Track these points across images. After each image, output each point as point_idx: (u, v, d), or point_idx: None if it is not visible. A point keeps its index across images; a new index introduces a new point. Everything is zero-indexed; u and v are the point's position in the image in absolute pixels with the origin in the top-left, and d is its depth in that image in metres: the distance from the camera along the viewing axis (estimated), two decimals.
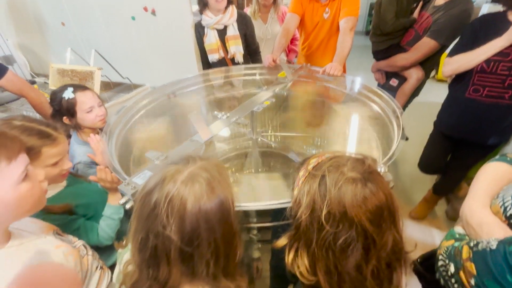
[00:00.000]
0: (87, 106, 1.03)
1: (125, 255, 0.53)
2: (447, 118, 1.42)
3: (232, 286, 0.48)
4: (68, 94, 1.01)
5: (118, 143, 0.93)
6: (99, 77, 1.38)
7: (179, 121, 1.41)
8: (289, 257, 0.50)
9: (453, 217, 1.74)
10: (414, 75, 1.55)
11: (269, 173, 1.58)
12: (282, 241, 0.52)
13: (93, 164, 0.98)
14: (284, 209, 0.60)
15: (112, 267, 0.79)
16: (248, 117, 1.10)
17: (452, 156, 1.53)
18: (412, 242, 0.97)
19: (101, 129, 1.08)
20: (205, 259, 0.44)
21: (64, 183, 0.80)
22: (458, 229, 0.64)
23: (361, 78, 1.30)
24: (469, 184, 1.72)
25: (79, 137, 1.07)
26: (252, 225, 0.64)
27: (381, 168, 0.60)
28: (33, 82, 2.13)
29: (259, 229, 0.72)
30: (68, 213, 0.74)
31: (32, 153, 0.64)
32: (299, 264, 0.48)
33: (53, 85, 1.47)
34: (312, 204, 0.45)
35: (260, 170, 1.45)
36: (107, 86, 1.84)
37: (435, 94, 2.14)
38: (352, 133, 1.29)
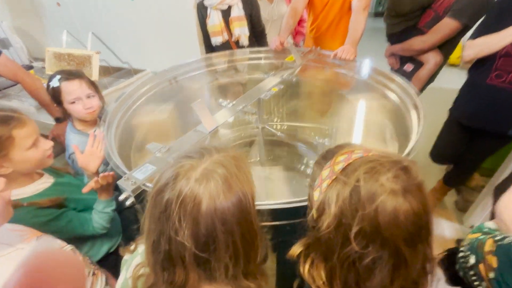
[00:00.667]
0: (71, 97, 0.96)
1: (133, 261, 0.49)
2: (464, 106, 1.34)
3: (253, 286, 0.44)
4: (54, 82, 0.95)
5: (117, 133, 0.88)
6: (97, 61, 1.31)
7: (183, 108, 1.35)
8: (304, 268, 0.45)
9: (463, 208, 1.70)
10: (432, 59, 1.45)
11: (274, 165, 1.54)
12: (296, 249, 0.47)
13: None
14: (289, 209, 0.55)
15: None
16: (254, 104, 1.04)
17: (468, 145, 1.45)
18: None
19: (100, 117, 1.03)
20: (224, 263, 0.41)
21: (51, 179, 0.76)
22: (489, 223, 0.61)
23: (372, 62, 1.22)
24: (482, 175, 1.66)
25: (73, 125, 1.02)
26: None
27: None
28: (30, 67, 2.07)
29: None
30: (58, 206, 0.71)
31: (5, 141, 0.63)
32: (315, 277, 0.44)
33: (50, 70, 1.41)
34: (339, 216, 0.39)
35: (265, 160, 1.40)
36: (106, 71, 1.77)
37: (447, 79, 2.04)
38: (364, 122, 1.22)
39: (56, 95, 0.96)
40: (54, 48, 1.39)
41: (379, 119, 1.11)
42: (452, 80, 1.53)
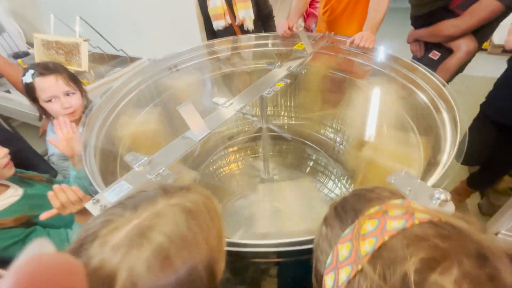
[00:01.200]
0: (46, 95, 0.85)
1: None
2: (501, 101, 1.16)
3: None
4: (27, 77, 0.84)
5: (100, 137, 0.78)
6: (86, 50, 1.19)
7: (179, 103, 1.24)
8: None
9: (487, 212, 1.55)
10: (464, 47, 1.25)
11: (279, 163, 1.42)
12: None
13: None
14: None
15: None
16: (256, 102, 0.90)
17: (501, 146, 1.29)
18: None
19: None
20: None
21: (20, 192, 0.67)
22: None
23: (392, 49, 1.05)
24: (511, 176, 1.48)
25: (53, 124, 0.93)
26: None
27: (449, 206, 0.41)
28: (26, 54, 1.97)
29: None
30: (25, 225, 0.62)
31: None
32: None
33: (39, 59, 1.30)
34: None
35: (269, 157, 1.29)
36: (102, 59, 1.66)
37: (480, 68, 1.82)
38: (381, 120, 1.07)
39: (30, 92, 0.85)
40: (41, 34, 1.28)
41: (400, 118, 0.96)
42: (479, 67, 1.34)
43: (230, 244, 0.43)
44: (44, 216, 0.59)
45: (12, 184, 0.69)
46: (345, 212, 0.32)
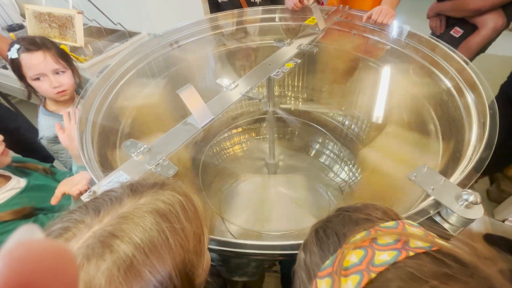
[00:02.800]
0: (33, 73, 0.79)
1: None
2: None
3: None
4: (12, 52, 0.77)
5: (98, 120, 0.73)
6: (81, 23, 1.11)
7: (181, 82, 1.17)
8: None
9: (496, 198, 1.52)
10: (491, 23, 1.14)
11: (286, 146, 1.38)
12: None
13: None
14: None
15: None
16: (263, 83, 0.84)
17: None
18: None
19: (78, 93, 0.86)
20: None
21: (22, 184, 0.64)
22: None
23: (409, 25, 0.96)
24: None
25: (44, 106, 0.87)
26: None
27: (478, 210, 0.37)
28: (21, 27, 1.88)
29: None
30: (28, 216, 0.60)
31: None
32: None
33: (31, 33, 1.23)
34: None
35: (275, 139, 1.24)
36: (99, 33, 1.57)
37: (502, 46, 1.69)
38: (395, 105, 1.01)
39: (16, 69, 0.79)
40: (33, 5, 1.19)
41: (416, 101, 0.90)
42: (501, 45, 1.23)
43: (232, 245, 0.40)
44: (54, 201, 0.57)
45: (14, 175, 0.66)
46: (327, 236, 0.27)
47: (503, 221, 1.43)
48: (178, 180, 0.36)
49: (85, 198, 0.46)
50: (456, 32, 1.30)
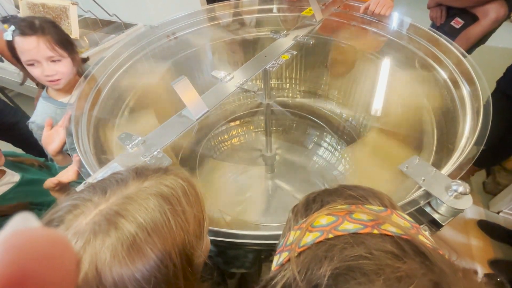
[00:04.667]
0: (26, 58, 0.75)
1: None
2: None
3: None
4: (7, 34, 0.72)
5: (93, 113, 0.73)
6: (76, 14, 1.10)
7: (178, 73, 1.17)
8: None
9: (492, 191, 1.53)
10: (493, 13, 1.13)
11: (282, 139, 1.39)
12: None
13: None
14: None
15: None
16: (259, 75, 0.84)
17: None
18: None
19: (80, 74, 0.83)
20: None
21: (16, 179, 0.64)
22: None
23: (409, 16, 0.95)
24: None
25: (47, 91, 0.85)
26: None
27: (466, 200, 0.37)
28: (15, 18, 1.85)
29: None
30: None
31: None
32: None
33: None
34: None
35: (272, 136, 1.25)
36: (95, 24, 1.55)
37: (501, 38, 1.67)
38: (393, 96, 1.01)
39: (12, 50, 0.75)
40: None
41: (412, 94, 0.90)
42: (500, 37, 1.22)
43: (229, 235, 0.41)
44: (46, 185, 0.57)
45: (8, 170, 0.66)
46: (314, 201, 0.29)
47: (498, 213, 1.45)
48: (181, 167, 0.38)
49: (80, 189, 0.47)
50: (457, 23, 1.29)
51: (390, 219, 0.24)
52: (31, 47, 0.73)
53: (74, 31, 1.10)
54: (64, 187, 0.59)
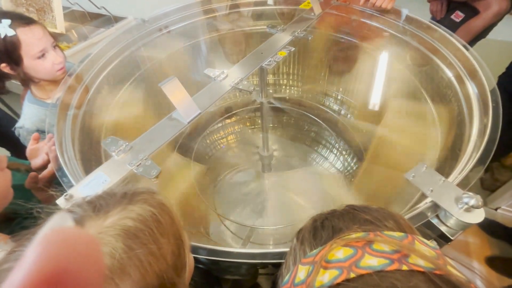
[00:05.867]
0: (38, 49, 0.69)
1: None
2: None
3: None
4: (4, 29, 0.64)
5: (79, 116, 0.69)
6: (60, 6, 1.03)
7: (169, 70, 1.12)
8: None
9: (490, 187, 1.52)
10: (495, 6, 1.09)
11: (279, 135, 1.35)
12: None
13: (40, 132, 0.75)
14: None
15: None
16: (255, 72, 0.80)
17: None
18: None
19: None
20: None
21: None
22: None
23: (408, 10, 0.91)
24: None
25: (32, 93, 0.80)
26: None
27: (478, 214, 0.34)
28: None
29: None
30: (7, 221, 0.56)
31: None
32: None
33: None
34: None
35: (269, 133, 1.21)
36: (83, 18, 1.48)
37: (501, 31, 1.65)
38: (394, 94, 0.98)
39: (11, 49, 0.67)
40: None
41: (415, 90, 0.87)
42: (501, 30, 1.20)
43: (224, 254, 0.38)
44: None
45: None
46: (323, 227, 0.25)
47: (496, 210, 1.44)
48: (150, 187, 0.32)
49: (61, 203, 0.43)
50: (457, 16, 1.25)
51: (414, 249, 0.20)
52: (39, 35, 0.69)
53: (59, 25, 1.04)
54: (48, 183, 0.55)
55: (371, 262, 0.19)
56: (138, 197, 0.28)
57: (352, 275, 0.19)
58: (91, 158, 0.62)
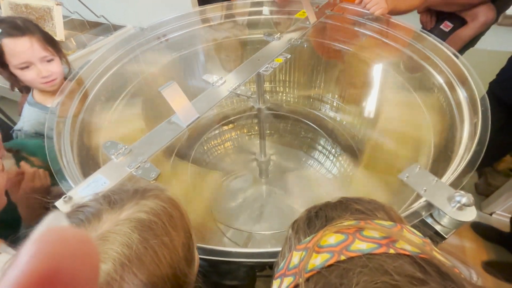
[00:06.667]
0: (18, 61, 0.70)
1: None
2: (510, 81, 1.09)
3: None
4: None
5: (78, 119, 0.69)
6: (60, 15, 1.05)
7: (167, 78, 1.13)
8: None
9: (484, 192, 1.54)
10: (482, 17, 1.14)
11: (276, 142, 1.37)
12: None
13: (39, 135, 0.76)
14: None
15: None
16: (252, 79, 0.82)
17: (505, 127, 1.24)
18: None
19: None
20: None
21: None
22: None
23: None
24: None
25: (33, 96, 0.81)
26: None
27: (470, 212, 0.36)
28: None
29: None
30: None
31: None
32: None
33: None
34: None
35: (266, 140, 1.23)
36: (82, 26, 1.50)
37: (488, 40, 1.71)
38: (386, 100, 1.00)
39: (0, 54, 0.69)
40: None
41: (408, 95, 0.89)
42: (487, 39, 1.25)
43: (222, 254, 0.38)
44: None
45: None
46: (316, 217, 0.27)
47: (491, 214, 1.46)
48: (158, 184, 0.34)
49: (60, 205, 0.43)
50: (446, 26, 1.30)
51: (402, 235, 0.22)
52: (25, 48, 0.69)
53: (59, 32, 1.05)
54: (38, 191, 0.55)
55: (361, 246, 0.21)
56: (149, 193, 0.29)
57: (343, 257, 0.20)
58: (90, 162, 0.62)
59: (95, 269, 0.13)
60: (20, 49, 0.70)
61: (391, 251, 0.20)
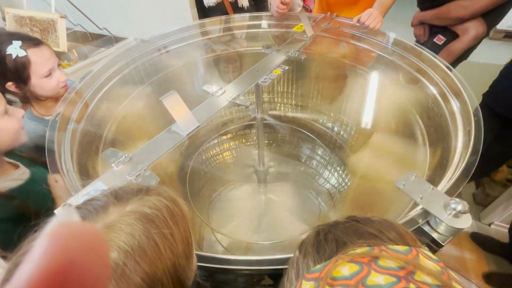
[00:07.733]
0: (46, 68, 0.73)
1: None
2: (504, 93, 1.12)
3: None
4: (16, 50, 0.68)
5: (78, 129, 0.70)
6: (64, 27, 1.08)
7: (168, 88, 1.15)
8: None
9: (482, 202, 1.55)
10: (473, 31, 1.18)
11: (274, 152, 1.37)
12: None
13: (37, 148, 0.76)
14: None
15: None
16: (251, 89, 0.83)
17: (499, 136, 1.26)
18: None
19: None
20: None
21: (26, 176, 0.58)
22: None
23: (394, 33, 0.98)
24: (510, 166, 1.49)
25: (32, 110, 0.82)
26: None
27: (466, 219, 0.36)
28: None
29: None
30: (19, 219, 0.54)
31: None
32: None
33: None
34: None
35: (265, 150, 1.23)
36: (84, 38, 1.53)
37: (479, 54, 1.76)
38: (384, 112, 1.02)
39: (20, 69, 0.70)
40: (14, 9, 1.15)
41: (403, 108, 0.91)
42: (478, 53, 1.30)
43: (219, 261, 0.38)
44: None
45: (22, 165, 0.60)
46: (326, 241, 0.25)
47: (490, 225, 1.46)
48: (162, 185, 0.36)
49: (59, 212, 0.43)
50: (439, 39, 1.34)
51: (419, 264, 0.21)
52: (47, 55, 0.74)
53: (62, 44, 1.07)
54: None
55: (378, 280, 0.19)
56: (153, 191, 0.31)
57: None
58: (89, 171, 0.62)
59: (106, 263, 0.13)
60: (47, 56, 0.74)
61: (412, 286, 0.18)
